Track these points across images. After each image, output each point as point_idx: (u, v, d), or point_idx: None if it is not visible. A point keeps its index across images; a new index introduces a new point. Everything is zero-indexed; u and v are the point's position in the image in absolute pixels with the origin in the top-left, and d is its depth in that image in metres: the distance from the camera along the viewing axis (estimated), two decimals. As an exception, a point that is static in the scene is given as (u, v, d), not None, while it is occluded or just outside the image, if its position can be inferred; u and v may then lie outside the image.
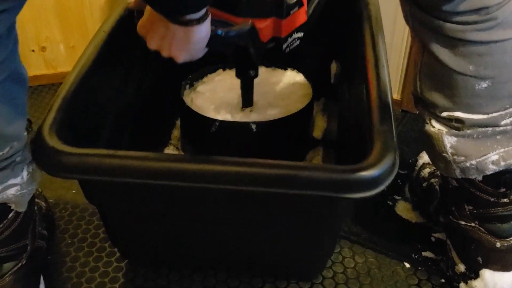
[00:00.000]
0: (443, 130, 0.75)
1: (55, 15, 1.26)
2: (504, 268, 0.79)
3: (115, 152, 0.69)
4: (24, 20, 1.25)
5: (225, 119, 0.92)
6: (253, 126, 0.90)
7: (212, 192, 0.69)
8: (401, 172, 1.06)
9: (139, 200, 0.77)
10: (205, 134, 0.92)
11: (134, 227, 0.84)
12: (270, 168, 0.65)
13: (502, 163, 0.73)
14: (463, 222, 0.81)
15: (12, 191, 0.70)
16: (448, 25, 0.68)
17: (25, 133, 0.71)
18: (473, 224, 0.79)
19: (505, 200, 0.77)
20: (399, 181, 1.04)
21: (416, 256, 0.90)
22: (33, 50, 1.30)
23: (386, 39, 1.20)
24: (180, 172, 0.66)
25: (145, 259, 0.90)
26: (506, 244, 0.78)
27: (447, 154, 0.75)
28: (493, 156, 0.73)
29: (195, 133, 1.00)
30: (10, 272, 0.74)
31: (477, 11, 0.66)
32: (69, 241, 0.93)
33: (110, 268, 0.89)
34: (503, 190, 0.76)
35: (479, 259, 0.80)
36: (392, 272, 0.88)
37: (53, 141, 0.69)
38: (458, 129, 0.74)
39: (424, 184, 0.96)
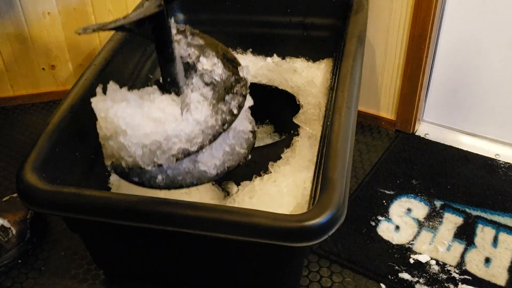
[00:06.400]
0: None
1: (64, 36, 1.33)
2: None
3: (81, 190, 0.73)
4: (36, 41, 1.32)
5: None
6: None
7: (168, 232, 0.72)
8: (387, 192, 1.07)
9: (113, 233, 0.82)
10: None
11: (112, 253, 0.89)
12: (210, 213, 0.68)
13: None
14: None
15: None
16: None
17: None
18: None
19: None
20: (384, 202, 1.05)
21: (392, 278, 0.91)
22: (43, 69, 1.37)
23: (378, 60, 1.22)
24: (136, 212, 0.71)
25: (127, 278, 0.94)
26: None
27: None
28: None
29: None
30: None
31: None
32: (62, 253, 0.98)
33: (98, 281, 0.93)
34: None
35: None
36: (368, 293, 0.89)
37: (31, 178, 0.75)
38: None
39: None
